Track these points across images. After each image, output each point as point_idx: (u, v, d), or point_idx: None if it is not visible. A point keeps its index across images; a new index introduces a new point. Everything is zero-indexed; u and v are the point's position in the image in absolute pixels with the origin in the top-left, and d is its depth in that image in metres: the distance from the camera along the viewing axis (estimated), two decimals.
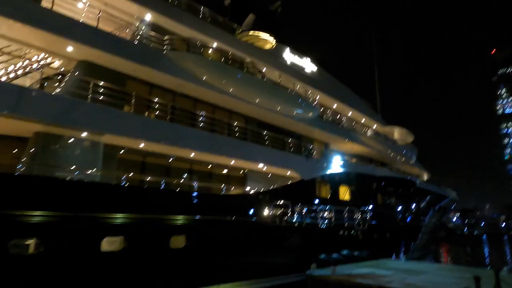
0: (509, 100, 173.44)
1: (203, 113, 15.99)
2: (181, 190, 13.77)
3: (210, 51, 17.71)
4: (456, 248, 56.89)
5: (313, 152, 22.17)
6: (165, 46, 14.70)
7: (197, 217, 12.92)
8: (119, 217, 10.56)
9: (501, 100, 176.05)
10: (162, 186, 12.80)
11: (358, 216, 18.63)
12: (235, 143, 16.43)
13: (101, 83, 12.38)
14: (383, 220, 25.16)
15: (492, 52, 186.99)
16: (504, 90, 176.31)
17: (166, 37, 14.85)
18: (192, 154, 14.88)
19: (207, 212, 13.46)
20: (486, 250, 52.71)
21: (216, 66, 16.49)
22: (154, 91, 14.94)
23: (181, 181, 14.73)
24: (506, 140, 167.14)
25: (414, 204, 32.06)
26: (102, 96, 12.32)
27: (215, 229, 13.50)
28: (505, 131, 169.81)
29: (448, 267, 17.34)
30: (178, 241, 12.13)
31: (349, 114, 28.37)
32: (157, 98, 14.46)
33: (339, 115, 27.11)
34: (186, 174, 15.76)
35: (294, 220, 16.18)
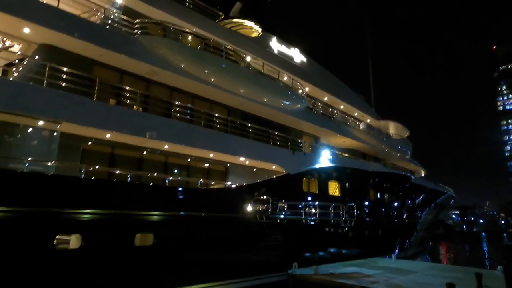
0: (510, 96, 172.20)
1: (179, 103, 15.06)
2: (151, 184, 12.86)
3: (189, 38, 16.76)
4: (454, 245, 56.30)
5: (301, 146, 21.26)
6: (136, 30, 13.72)
7: (167, 213, 12.03)
8: (74, 213, 9.68)
9: (502, 96, 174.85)
10: (129, 179, 11.85)
11: (345, 213, 17.68)
12: (214, 135, 15.49)
13: (64, 69, 11.43)
14: (375, 216, 24.29)
15: (493, 48, 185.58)
16: (504, 87, 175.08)
17: (137, 21, 13.86)
18: (166, 146, 13.95)
19: (180, 208, 12.58)
20: (485, 248, 52.14)
21: (195, 53, 15.50)
22: (125, 78, 13.99)
23: (154, 175, 13.81)
24: (506, 137, 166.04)
25: (410, 201, 31.16)
26: (65, 83, 11.40)
27: (188, 226, 12.62)
28: (505, 127, 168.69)
29: (439, 267, 16.50)
30: (144, 239, 11.27)
31: (341, 108, 27.43)
32: (128, 87, 13.52)
33: (330, 108, 26.17)
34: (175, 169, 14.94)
35: (276, 216, 15.29)
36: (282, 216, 15.39)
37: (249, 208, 14.64)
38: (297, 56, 22.63)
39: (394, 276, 13.74)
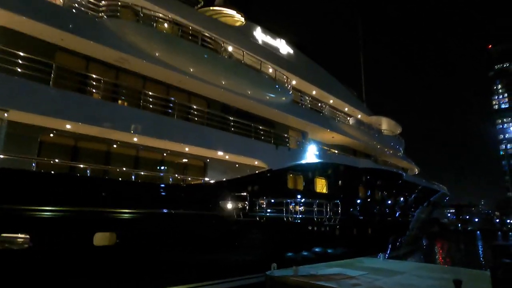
0: (505, 95, 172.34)
1: (152, 94, 14.10)
2: (110, 179, 11.94)
3: (166, 25, 15.82)
4: (449, 244, 55.75)
5: (287, 141, 20.39)
6: (103, 13, 12.74)
7: (133, 210, 11.10)
8: (21, 210, 8.73)
9: (497, 95, 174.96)
10: (88, 174, 10.90)
11: (329, 210, 16.80)
12: (190, 127, 14.54)
13: (22, 54, 10.45)
14: (365, 214, 23.48)
15: (488, 47, 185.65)
16: (500, 86, 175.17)
17: (103, 3, 12.87)
18: (136, 139, 13.01)
19: (147, 205, 11.65)
20: (480, 246, 51.57)
21: (168, 39, 14.54)
22: (92, 65, 13.02)
23: (123, 170, 12.85)
24: (501, 136, 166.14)
25: (401, 199, 30.37)
26: (21, 69, 10.43)
27: (156, 224, 11.70)
28: (500, 126, 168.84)
29: (429, 267, 15.70)
30: (105, 238, 10.33)
31: (331, 102, 26.55)
32: (95, 75, 12.54)
33: (320, 103, 25.30)
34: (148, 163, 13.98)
35: (254, 214, 14.40)
36: (261, 214, 14.49)
37: (226, 205, 13.74)
38: (283, 47, 21.71)
39: (378, 277, 12.90)
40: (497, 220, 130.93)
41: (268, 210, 15.02)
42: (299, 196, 18.00)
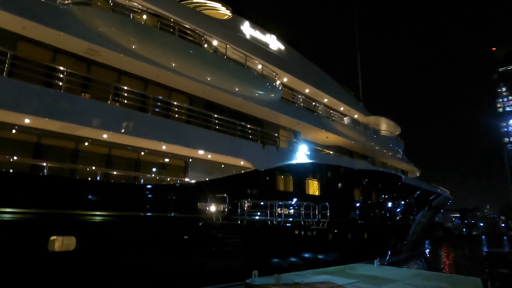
0: (510, 98, 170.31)
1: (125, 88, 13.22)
2: (69, 178, 11.04)
3: (145, 17, 14.98)
4: (453, 249, 54.16)
5: (277, 140, 19.42)
6: (69, 0, 11.86)
7: (96, 212, 10.17)
8: None
9: (502, 98, 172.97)
10: (45, 172, 9.99)
11: (318, 213, 15.73)
12: (167, 124, 13.60)
13: None
14: (360, 218, 22.39)
15: (493, 50, 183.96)
16: (504, 88, 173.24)
17: None
18: (105, 136, 12.09)
19: (113, 206, 10.72)
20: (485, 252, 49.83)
21: (146, 31, 13.66)
22: (59, 57, 12.15)
23: (92, 169, 11.93)
24: (506, 139, 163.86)
25: (401, 202, 29.19)
26: None
27: (124, 228, 10.76)
28: (505, 129, 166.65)
29: (425, 274, 14.60)
30: (61, 243, 9.40)
31: (325, 101, 25.56)
32: (62, 68, 11.64)
33: (314, 102, 24.33)
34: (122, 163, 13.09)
35: (235, 217, 13.41)
36: (242, 217, 13.49)
37: (203, 207, 12.77)
38: (273, 43, 20.79)
39: (368, 286, 11.84)
40: (503, 225, 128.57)
41: (251, 213, 14.02)
42: (288, 199, 16.99)
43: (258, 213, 14.37)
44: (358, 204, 22.45)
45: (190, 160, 15.38)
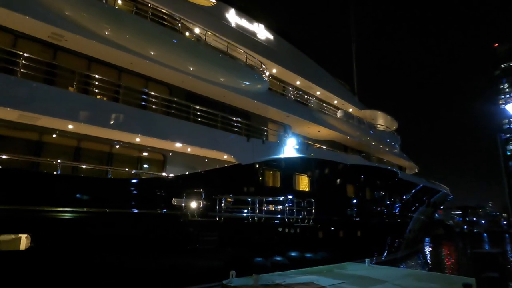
0: None
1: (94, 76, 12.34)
2: (32, 171, 10.20)
3: (120, 1, 14.12)
4: (454, 247, 53.27)
5: (265, 134, 18.56)
6: None
7: (54, 208, 9.33)
8: None
9: (503, 94, 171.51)
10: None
11: (304, 209, 14.85)
12: (141, 115, 12.72)
13: None
14: (353, 215, 21.51)
15: (495, 46, 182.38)
16: (506, 85, 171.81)
17: None
18: (71, 126, 11.23)
19: (74, 202, 9.88)
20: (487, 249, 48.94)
21: (119, 16, 12.77)
22: (20, 42, 11.29)
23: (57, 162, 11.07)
24: (508, 135, 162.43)
25: (397, 199, 28.28)
26: None
27: (87, 225, 9.93)
28: (507, 126, 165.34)
29: (416, 274, 13.73)
30: (10, 242, 8.58)
31: (317, 94, 24.63)
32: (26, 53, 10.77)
33: (306, 95, 23.43)
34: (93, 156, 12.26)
35: (213, 214, 12.56)
36: (220, 214, 12.62)
37: (178, 203, 11.91)
38: (261, 32, 19.88)
39: (354, 287, 10.99)
40: (504, 222, 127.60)
41: (230, 210, 13.15)
42: (275, 194, 16.12)
43: (238, 210, 13.51)
44: (350, 201, 21.56)
45: (170, 154, 14.54)
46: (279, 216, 14.64)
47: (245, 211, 13.37)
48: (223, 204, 12.55)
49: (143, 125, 12.50)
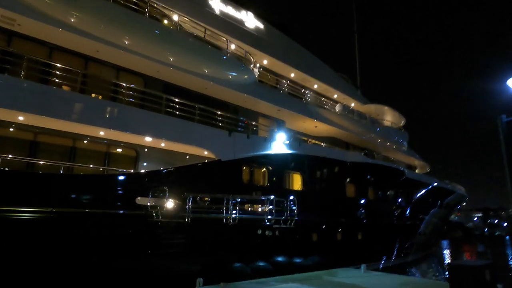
0: None
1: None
2: None
3: None
4: (474, 250, 50.38)
5: (255, 129, 17.30)
6: None
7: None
8: None
9: None
10: None
11: (288, 209, 13.46)
12: (103, 105, 11.62)
13: None
14: (352, 216, 19.92)
15: None
16: None
17: None
18: (21, 118, 10.25)
19: (18, 200, 8.88)
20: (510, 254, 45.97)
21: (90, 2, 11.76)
22: None
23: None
24: None
25: (405, 199, 26.39)
26: None
27: (36, 225, 8.93)
28: None
29: (414, 282, 12.16)
30: None
31: (315, 87, 23.16)
32: None
33: (303, 89, 22.00)
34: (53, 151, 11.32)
35: (182, 214, 11.35)
36: (187, 213, 11.38)
37: (141, 203, 10.77)
38: (250, 21, 18.62)
39: None
40: None
41: (202, 210, 11.91)
42: (261, 193, 14.80)
43: (212, 210, 12.26)
44: (348, 201, 19.96)
45: (146, 150, 13.46)
46: (258, 217, 13.31)
47: (220, 211, 12.08)
48: (190, 204, 11.30)
49: (107, 117, 11.44)
